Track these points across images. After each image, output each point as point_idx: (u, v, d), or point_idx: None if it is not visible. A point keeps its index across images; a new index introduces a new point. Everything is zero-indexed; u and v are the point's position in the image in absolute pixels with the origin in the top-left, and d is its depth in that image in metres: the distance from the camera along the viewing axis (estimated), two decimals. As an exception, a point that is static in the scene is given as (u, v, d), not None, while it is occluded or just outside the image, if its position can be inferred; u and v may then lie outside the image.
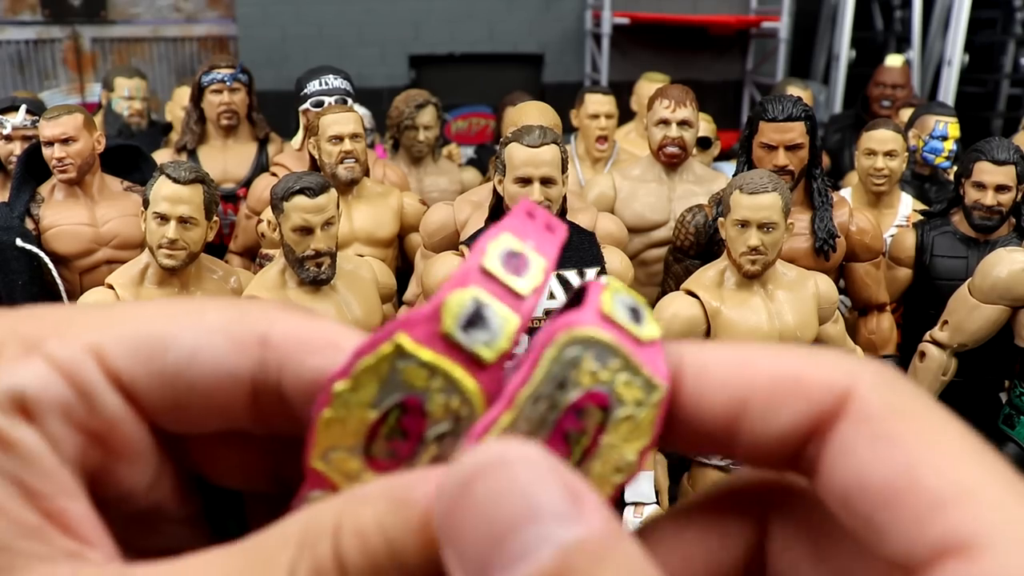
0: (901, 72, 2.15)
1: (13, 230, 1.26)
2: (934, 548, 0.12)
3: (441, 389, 0.13)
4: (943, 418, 0.13)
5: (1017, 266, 1.17)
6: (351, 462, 0.13)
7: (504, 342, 0.13)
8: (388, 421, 0.13)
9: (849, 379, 0.13)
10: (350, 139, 1.34)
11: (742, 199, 1.09)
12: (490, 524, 0.11)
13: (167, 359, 0.14)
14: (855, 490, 0.13)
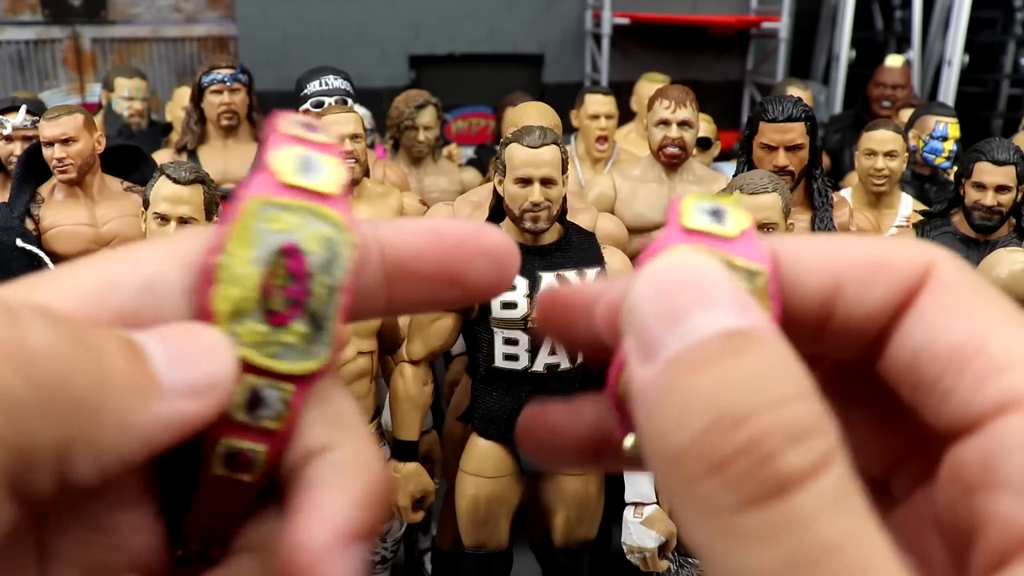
0: (901, 72, 2.15)
1: (13, 230, 1.26)
2: (994, 404, 0.12)
3: (306, 223, 0.14)
4: (1003, 297, 0.14)
5: (1017, 266, 1.17)
6: (256, 327, 0.14)
7: (336, 175, 0.14)
8: (277, 272, 0.14)
9: (930, 258, 0.14)
10: (350, 139, 1.34)
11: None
12: (672, 305, 0.12)
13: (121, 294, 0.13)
14: (925, 354, 0.13)
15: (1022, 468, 0.12)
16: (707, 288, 0.12)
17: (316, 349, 0.14)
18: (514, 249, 0.15)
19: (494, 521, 1.18)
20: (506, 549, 1.22)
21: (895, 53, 2.43)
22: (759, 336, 0.12)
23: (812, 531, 0.10)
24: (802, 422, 0.11)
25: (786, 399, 0.11)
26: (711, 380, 0.11)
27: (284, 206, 0.14)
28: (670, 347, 0.12)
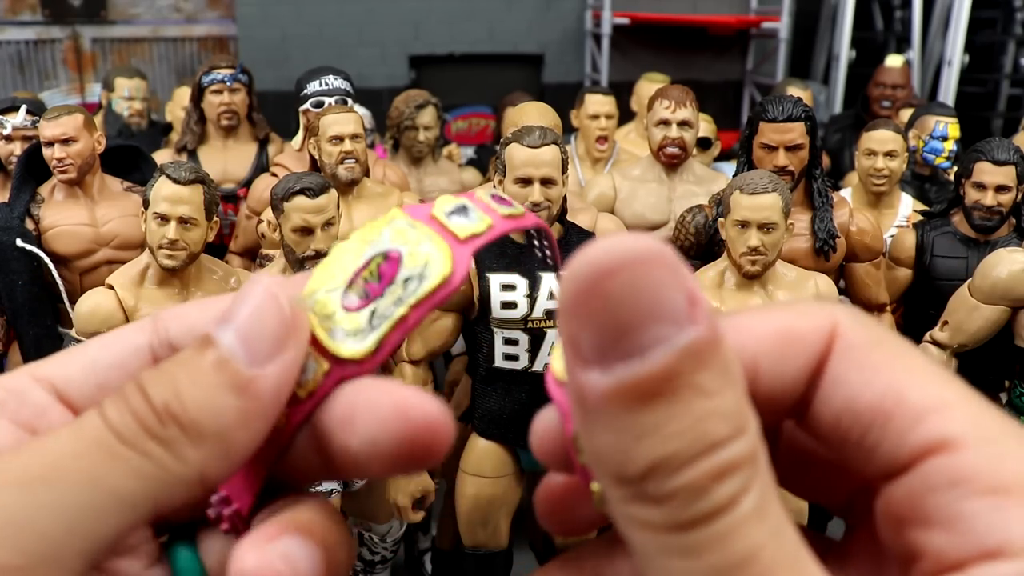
0: (901, 72, 2.15)
1: (13, 230, 1.26)
2: (920, 448, 0.13)
3: (419, 243, 0.16)
4: (908, 348, 0.14)
5: (1017, 266, 1.17)
6: (330, 304, 0.16)
7: (479, 227, 0.16)
8: (370, 266, 0.16)
9: (831, 319, 0.15)
10: (350, 139, 1.34)
11: (742, 199, 1.08)
12: (617, 317, 0.12)
13: (86, 355, 0.17)
14: (847, 414, 0.14)
15: (947, 506, 0.12)
16: (654, 293, 0.12)
17: (362, 342, 0.15)
18: (447, 429, 0.15)
19: (494, 521, 1.18)
20: (506, 549, 1.22)
21: (895, 53, 2.43)
22: (698, 355, 0.12)
23: (732, 543, 0.12)
24: (730, 461, 0.12)
25: (718, 443, 0.12)
26: (652, 421, 0.12)
27: (414, 226, 0.16)
28: (614, 367, 0.12)
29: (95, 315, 1.08)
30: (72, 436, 0.14)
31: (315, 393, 0.15)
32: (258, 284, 0.15)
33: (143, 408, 0.14)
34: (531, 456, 1.23)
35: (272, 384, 0.15)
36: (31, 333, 1.27)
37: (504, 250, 1.07)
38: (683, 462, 0.12)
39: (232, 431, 0.14)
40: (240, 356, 0.15)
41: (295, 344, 0.15)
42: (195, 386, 0.14)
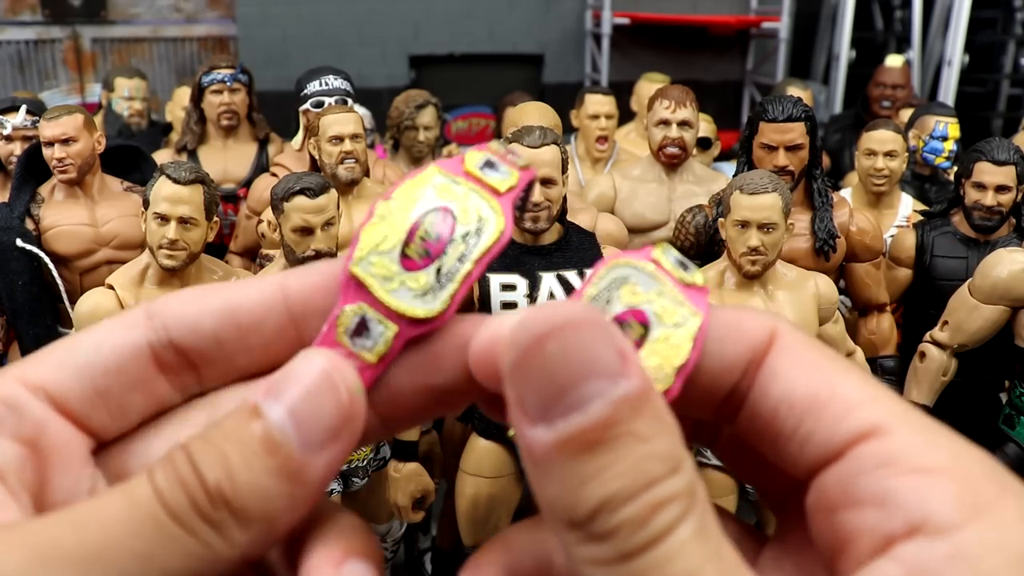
0: (901, 72, 2.15)
1: (13, 230, 1.26)
2: (851, 435, 0.14)
3: (468, 199, 0.16)
4: (842, 359, 0.16)
5: (1017, 266, 1.17)
6: (388, 264, 0.16)
7: (512, 180, 0.16)
8: (423, 224, 0.16)
9: (772, 323, 0.16)
10: (350, 139, 1.34)
11: (742, 199, 1.08)
12: (555, 377, 0.13)
13: (77, 358, 0.16)
14: (783, 406, 0.15)
15: (878, 485, 0.13)
16: (586, 353, 0.13)
17: (430, 300, 0.16)
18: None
19: (494, 521, 1.18)
20: (506, 549, 1.22)
21: (895, 53, 2.43)
22: (632, 404, 0.13)
23: (673, 567, 0.13)
24: (667, 495, 0.13)
25: (656, 480, 0.13)
26: (595, 467, 0.13)
27: (455, 181, 0.16)
28: (555, 422, 0.13)
29: (95, 315, 1.08)
30: (124, 508, 0.14)
31: (386, 357, 0.15)
32: (314, 361, 0.15)
33: (196, 487, 0.14)
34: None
35: (323, 473, 0.15)
36: (31, 333, 1.27)
37: (504, 250, 1.07)
38: (625, 499, 0.13)
39: (279, 516, 0.15)
40: (292, 440, 0.14)
41: (350, 434, 0.15)
42: (246, 468, 0.14)
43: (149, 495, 0.14)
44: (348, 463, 1.19)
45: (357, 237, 0.16)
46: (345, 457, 0.15)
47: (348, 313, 0.15)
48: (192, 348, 0.16)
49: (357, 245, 0.16)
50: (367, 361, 0.15)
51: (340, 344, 0.16)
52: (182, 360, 0.17)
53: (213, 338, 0.16)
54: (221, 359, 0.17)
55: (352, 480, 1.22)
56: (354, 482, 1.22)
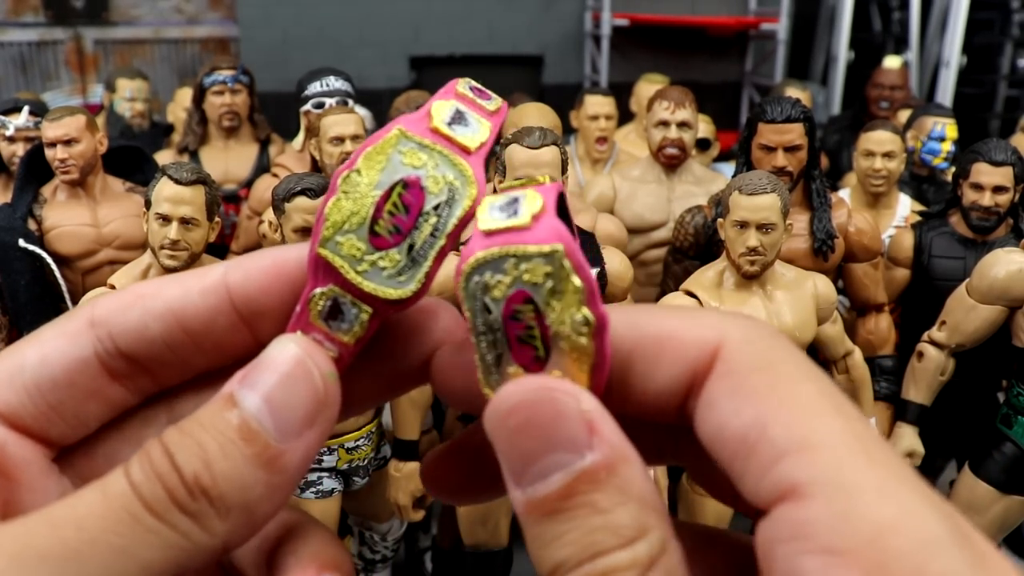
0: (899, 73, 2.16)
1: (16, 231, 1.26)
2: (773, 493, 0.13)
3: (436, 166, 0.15)
4: (801, 372, 0.14)
5: (1014, 267, 1.18)
6: (357, 243, 0.15)
7: (483, 134, 0.15)
8: (391, 197, 0.15)
9: (719, 335, 0.15)
10: (351, 140, 1.34)
11: (741, 200, 1.09)
12: (519, 449, 0.14)
13: (25, 374, 0.16)
14: (717, 440, 0.14)
15: (788, 562, 0.13)
16: (546, 428, 0.14)
17: (404, 281, 0.15)
18: None
19: (494, 520, 1.18)
20: (506, 548, 1.22)
21: (893, 54, 2.44)
22: (591, 477, 0.14)
23: None
24: (612, 566, 0.13)
25: (603, 552, 0.13)
26: (553, 533, 0.14)
27: (423, 145, 0.15)
28: (525, 488, 0.14)
29: (97, 315, 1.08)
30: (100, 504, 0.14)
31: (362, 339, 0.15)
32: (287, 348, 0.15)
33: (172, 479, 0.14)
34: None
35: (300, 458, 0.15)
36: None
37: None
38: (572, 566, 0.13)
39: (258, 504, 0.14)
40: (269, 427, 0.14)
41: (326, 419, 0.15)
42: (224, 457, 0.14)
43: (125, 489, 0.14)
44: (349, 462, 1.19)
45: (322, 214, 0.15)
46: (321, 443, 0.15)
47: (319, 297, 0.15)
48: (142, 355, 0.16)
49: (323, 224, 0.15)
50: (344, 342, 0.15)
51: (315, 326, 0.15)
52: (133, 366, 0.16)
53: (163, 344, 0.16)
54: (174, 362, 0.16)
55: (353, 479, 1.22)
56: (355, 481, 1.22)
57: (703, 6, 3.21)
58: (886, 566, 0.12)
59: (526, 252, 0.14)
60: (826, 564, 0.12)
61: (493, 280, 0.14)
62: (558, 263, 0.14)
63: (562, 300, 0.14)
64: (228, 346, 0.16)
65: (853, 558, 0.12)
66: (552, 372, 0.14)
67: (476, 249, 0.14)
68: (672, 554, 0.14)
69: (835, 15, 3.17)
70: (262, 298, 0.16)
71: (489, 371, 0.15)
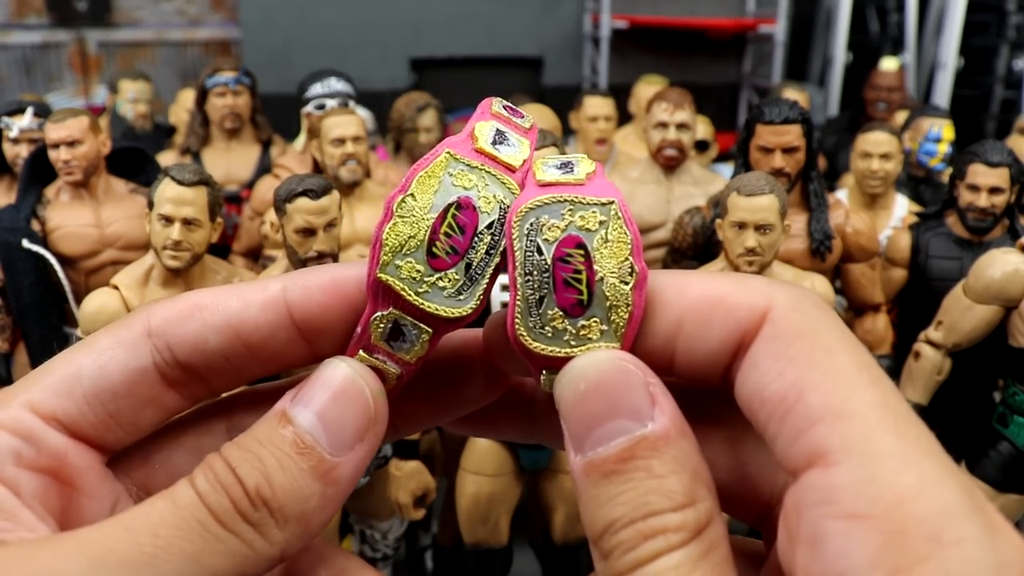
0: (896, 75, 2.17)
1: (20, 231, 1.27)
2: (804, 457, 0.14)
3: (487, 185, 0.16)
4: (843, 343, 0.15)
5: (1010, 267, 1.18)
6: (416, 266, 0.16)
7: (524, 151, 0.16)
8: (447, 219, 0.16)
9: (767, 301, 0.15)
10: (352, 141, 1.35)
11: (739, 201, 1.10)
12: (587, 413, 0.15)
13: (84, 384, 0.16)
14: (755, 400, 0.15)
15: (814, 525, 0.13)
16: (614, 395, 0.15)
17: (464, 299, 0.16)
18: None
19: (494, 518, 1.19)
20: (506, 546, 1.23)
21: (890, 56, 2.45)
22: (651, 444, 0.14)
23: None
24: (661, 526, 0.14)
25: (654, 512, 0.14)
26: (609, 493, 0.15)
27: (471, 166, 0.16)
28: (586, 451, 0.15)
29: (101, 315, 1.09)
30: (172, 513, 0.15)
31: (424, 356, 0.16)
32: (338, 367, 0.16)
33: (237, 490, 0.15)
34: (531, 455, 1.23)
35: (352, 471, 0.16)
36: (37, 333, 1.28)
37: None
38: (624, 524, 0.14)
39: (314, 514, 0.15)
40: (323, 442, 0.15)
41: (375, 434, 0.16)
42: (282, 471, 0.15)
43: (194, 499, 0.15)
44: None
45: (379, 239, 0.16)
46: (371, 456, 0.16)
47: (380, 320, 0.16)
48: (199, 366, 0.17)
49: (381, 249, 0.16)
50: (406, 361, 0.16)
51: (378, 347, 0.16)
52: (189, 375, 0.17)
53: (221, 356, 0.17)
54: (230, 371, 0.17)
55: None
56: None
57: (701, 8, 3.22)
58: (905, 530, 0.12)
59: (583, 200, 0.15)
60: (849, 527, 0.12)
61: (548, 223, 0.15)
62: (613, 213, 0.15)
63: (612, 248, 0.15)
64: (285, 358, 0.17)
65: (874, 522, 0.12)
66: (591, 320, 0.15)
67: (533, 195, 0.15)
68: (718, 527, 0.14)
69: (832, 17, 3.18)
70: (321, 315, 0.17)
71: (528, 312, 0.15)
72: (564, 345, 0.16)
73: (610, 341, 0.16)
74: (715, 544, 0.14)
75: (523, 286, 0.15)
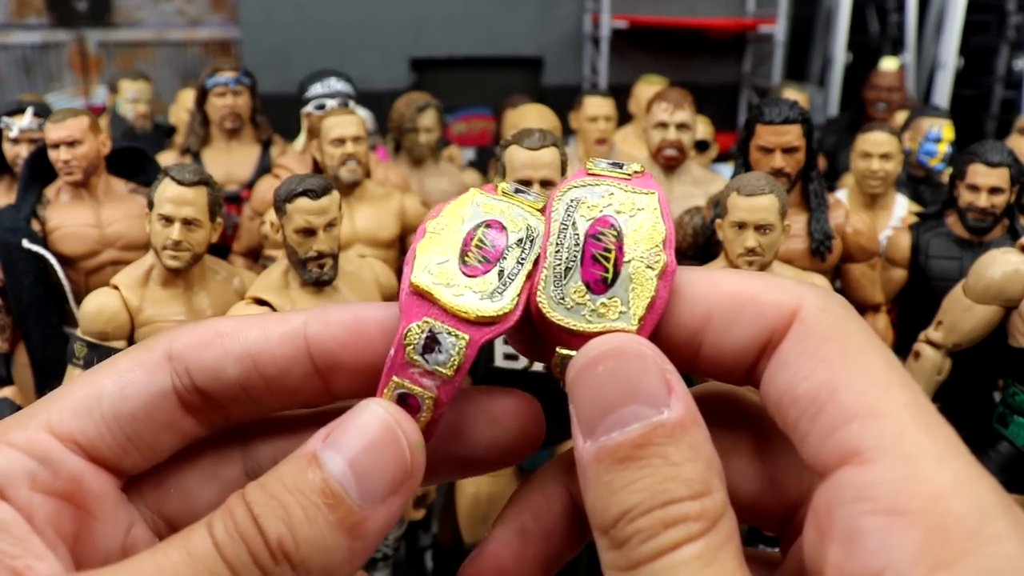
0: (896, 76, 2.17)
1: (20, 231, 1.27)
2: (837, 455, 0.14)
3: (512, 211, 0.17)
4: (872, 345, 0.15)
5: (1010, 267, 1.19)
6: (449, 274, 0.16)
7: (542, 203, 0.17)
8: (477, 234, 0.17)
9: (797, 300, 0.15)
10: (352, 141, 1.35)
11: (739, 201, 1.10)
12: (602, 397, 0.15)
13: (103, 405, 0.16)
14: (786, 398, 0.15)
15: (849, 522, 0.13)
16: (631, 380, 0.14)
17: (498, 300, 0.16)
18: None
19: (494, 518, 1.19)
20: (506, 546, 1.23)
21: (890, 56, 2.45)
22: (667, 432, 0.14)
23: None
24: (680, 515, 0.14)
25: (672, 501, 0.14)
26: (623, 480, 0.14)
27: (497, 199, 0.17)
28: (599, 436, 0.14)
29: (100, 315, 1.09)
30: (186, 564, 0.14)
31: (462, 368, 0.15)
32: (375, 413, 0.15)
33: (257, 542, 0.14)
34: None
35: (381, 525, 0.15)
36: (37, 333, 1.28)
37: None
38: (641, 512, 0.14)
39: (339, 568, 0.15)
40: (353, 493, 0.14)
41: (410, 488, 0.15)
42: (308, 522, 0.14)
43: (210, 550, 0.14)
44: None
45: (413, 254, 0.16)
46: (403, 510, 0.15)
47: (415, 331, 0.15)
48: (217, 393, 0.16)
49: (414, 262, 0.16)
50: (444, 375, 0.15)
51: (412, 363, 0.15)
52: (207, 402, 0.17)
53: (238, 386, 0.16)
54: (247, 401, 0.17)
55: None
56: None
57: (702, 8, 3.22)
58: (945, 527, 0.12)
59: (625, 188, 0.16)
60: (888, 523, 0.12)
61: (588, 201, 0.16)
62: (652, 205, 0.16)
63: (645, 235, 0.15)
64: (301, 393, 0.17)
65: (913, 518, 0.12)
66: (611, 299, 0.15)
67: (579, 176, 0.16)
68: (731, 518, 0.14)
69: (832, 17, 3.19)
70: (340, 352, 0.16)
71: (554, 281, 0.16)
72: (581, 320, 0.16)
73: (628, 324, 0.15)
74: (731, 535, 0.14)
75: (552, 255, 0.16)
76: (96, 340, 1.08)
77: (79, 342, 1.09)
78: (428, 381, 0.15)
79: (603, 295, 0.15)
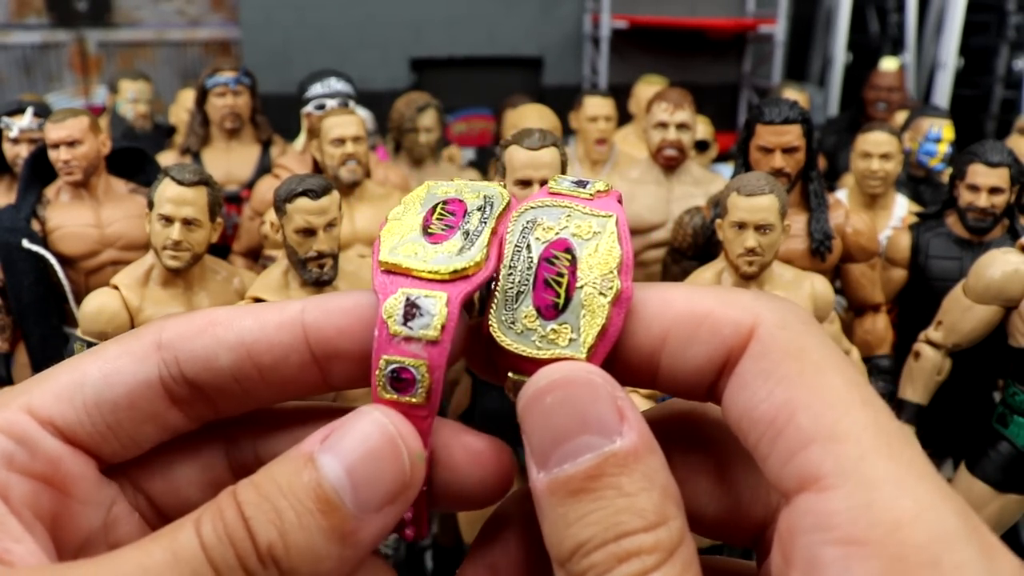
0: (896, 76, 2.17)
1: (20, 231, 1.27)
2: (797, 480, 0.13)
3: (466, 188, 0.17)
4: (832, 361, 0.14)
5: (1010, 267, 1.19)
6: (415, 247, 0.16)
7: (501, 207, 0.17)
8: (436, 211, 0.17)
9: (753, 317, 0.15)
10: (352, 141, 1.35)
11: (739, 201, 1.10)
12: (552, 428, 0.14)
13: (86, 391, 0.16)
14: (745, 420, 0.14)
15: (809, 550, 0.13)
16: (581, 409, 0.14)
17: (467, 253, 0.16)
18: None
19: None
20: (506, 546, 1.23)
21: (890, 56, 2.45)
22: (620, 461, 0.14)
23: None
24: (635, 548, 0.14)
25: (627, 533, 0.14)
26: (577, 513, 0.14)
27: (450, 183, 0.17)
28: (551, 468, 0.14)
29: (100, 315, 1.09)
30: (169, 563, 0.13)
31: (447, 327, 0.15)
32: (376, 420, 0.15)
33: (246, 546, 0.14)
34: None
35: (375, 534, 0.14)
36: (37, 333, 1.28)
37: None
38: (595, 546, 0.14)
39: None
40: (348, 499, 0.14)
41: (407, 499, 0.15)
42: (300, 528, 0.14)
43: (196, 552, 0.13)
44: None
45: (377, 242, 0.16)
46: (398, 520, 0.15)
47: (392, 303, 0.15)
48: (207, 384, 0.16)
49: (379, 246, 0.16)
50: (432, 339, 0.15)
51: (396, 335, 0.15)
52: (196, 393, 0.16)
53: (230, 376, 0.16)
54: (238, 393, 0.16)
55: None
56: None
57: (702, 8, 3.23)
58: (904, 557, 0.12)
59: (583, 210, 0.15)
60: (846, 554, 0.12)
61: (544, 223, 0.15)
62: (608, 228, 0.15)
63: (599, 260, 0.15)
64: (295, 384, 0.16)
65: (872, 549, 0.12)
66: (562, 325, 0.15)
67: (539, 196, 0.16)
68: (689, 546, 0.14)
69: (832, 17, 3.19)
70: (339, 339, 0.16)
71: (504, 305, 0.15)
72: (530, 345, 0.15)
73: (576, 351, 0.15)
74: (688, 564, 0.14)
75: (504, 278, 0.15)
76: (96, 340, 1.08)
77: (79, 342, 1.09)
78: (416, 347, 0.15)
79: (553, 321, 0.15)
